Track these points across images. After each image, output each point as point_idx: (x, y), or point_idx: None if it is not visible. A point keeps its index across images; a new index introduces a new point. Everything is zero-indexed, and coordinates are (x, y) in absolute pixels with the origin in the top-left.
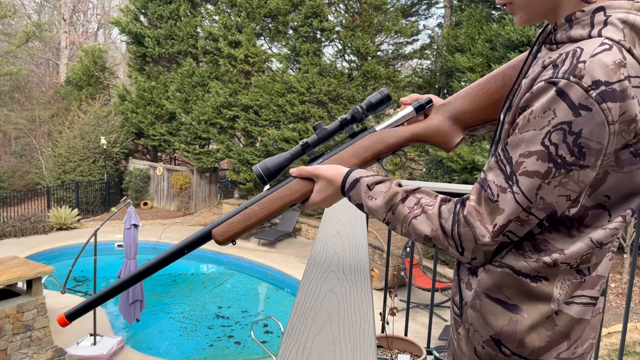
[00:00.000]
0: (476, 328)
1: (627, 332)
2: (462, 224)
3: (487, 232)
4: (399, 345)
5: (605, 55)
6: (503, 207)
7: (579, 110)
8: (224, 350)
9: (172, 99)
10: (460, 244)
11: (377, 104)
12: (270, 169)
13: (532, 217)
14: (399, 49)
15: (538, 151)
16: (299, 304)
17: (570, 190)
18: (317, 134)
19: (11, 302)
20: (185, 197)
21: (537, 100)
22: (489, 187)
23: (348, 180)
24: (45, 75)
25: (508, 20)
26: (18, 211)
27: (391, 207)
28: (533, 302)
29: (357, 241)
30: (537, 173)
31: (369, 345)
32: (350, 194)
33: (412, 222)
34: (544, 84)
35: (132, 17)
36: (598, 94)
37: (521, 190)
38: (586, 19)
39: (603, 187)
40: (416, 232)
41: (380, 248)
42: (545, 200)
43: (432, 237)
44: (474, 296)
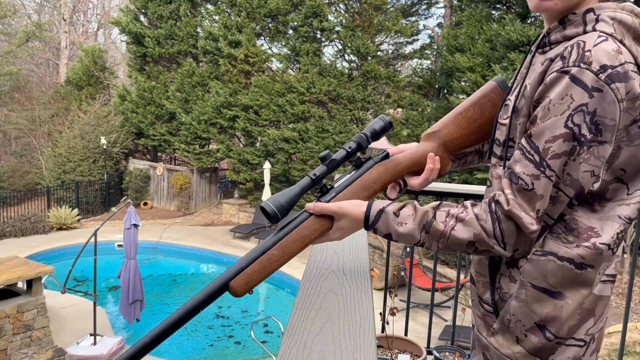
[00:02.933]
0: (518, 318)
1: (627, 332)
2: (502, 219)
3: (533, 219)
4: (399, 345)
5: (605, 44)
6: (540, 192)
7: (592, 92)
8: (224, 350)
9: (172, 99)
10: (502, 240)
11: (380, 131)
12: (284, 205)
13: (562, 193)
14: (399, 49)
15: (563, 134)
16: (299, 304)
17: (593, 165)
18: (327, 165)
19: (11, 302)
20: (185, 197)
21: (553, 89)
22: (520, 179)
23: (372, 213)
24: (45, 75)
25: (508, 20)
26: (18, 211)
27: (424, 227)
28: (576, 288)
29: (357, 241)
30: (564, 153)
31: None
32: (377, 226)
33: (451, 234)
34: (557, 74)
35: (132, 17)
36: (606, 76)
37: (554, 171)
38: (578, 19)
39: (618, 161)
40: (457, 242)
41: (380, 248)
42: (572, 176)
43: (475, 241)
44: (519, 286)
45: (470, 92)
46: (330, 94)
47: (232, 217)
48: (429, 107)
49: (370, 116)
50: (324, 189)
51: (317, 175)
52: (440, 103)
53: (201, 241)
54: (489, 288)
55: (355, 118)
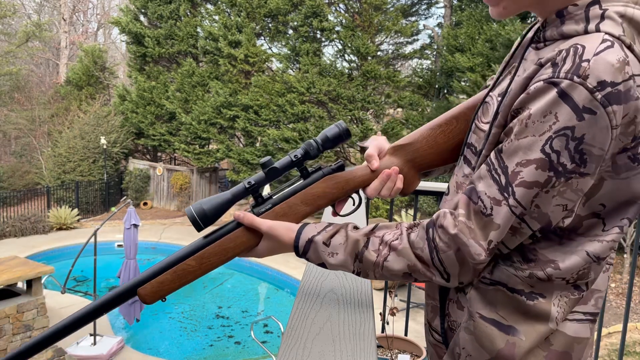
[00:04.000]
0: (469, 352)
1: (627, 332)
2: (441, 249)
3: (483, 249)
4: (399, 345)
5: (609, 53)
6: (498, 222)
7: (583, 114)
8: (224, 350)
9: (172, 99)
10: (444, 270)
11: (333, 139)
12: (207, 213)
13: (525, 226)
14: (399, 49)
15: (538, 159)
16: (299, 304)
17: (567, 199)
18: (265, 173)
19: (11, 302)
20: (185, 197)
21: (536, 102)
22: (480, 199)
23: (300, 243)
24: (45, 75)
25: (508, 20)
26: (18, 211)
27: (357, 256)
28: (530, 322)
29: None
30: (536, 183)
31: (369, 345)
32: (308, 256)
33: (384, 266)
34: (543, 84)
35: (132, 17)
36: (604, 96)
37: (518, 202)
38: (580, 13)
39: (598, 195)
40: (392, 274)
41: None
42: (541, 210)
43: (411, 272)
44: (467, 317)
45: (470, 92)
46: (330, 94)
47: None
48: (429, 107)
49: (370, 116)
50: (260, 199)
51: (252, 183)
52: (440, 103)
53: None
54: (439, 314)
55: (355, 118)
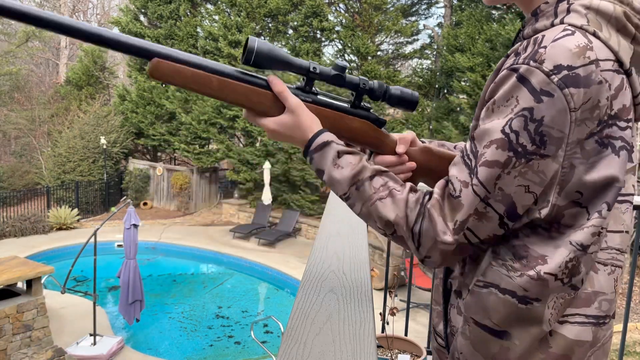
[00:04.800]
0: (466, 357)
1: (627, 332)
2: (426, 217)
3: (448, 229)
4: (399, 345)
5: (567, 39)
6: (464, 203)
7: (541, 96)
8: (224, 350)
9: (172, 98)
10: (418, 239)
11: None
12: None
13: (491, 209)
14: (399, 49)
15: (498, 139)
16: (299, 304)
17: (529, 180)
18: (333, 75)
19: (11, 302)
20: (185, 197)
21: (500, 89)
22: (452, 183)
23: (318, 139)
24: (45, 75)
25: (508, 20)
26: (18, 211)
27: (356, 182)
28: (523, 325)
29: (357, 241)
30: (496, 163)
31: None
32: (314, 155)
33: (376, 204)
34: (506, 72)
35: (132, 17)
36: (560, 79)
37: (480, 181)
38: (550, 10)
39: (572, 183)
40: (378, 215)
41: (380, 248)
42: (504, 191)
43: (395, 224)
44: (463, 322)
45: (470, 92)
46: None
47: (232, 217)
48: (429, 107)
49: None
50: (308, 87)
51: (316, 70)
52: (440, 103)
53: (201, 241)
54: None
55: None
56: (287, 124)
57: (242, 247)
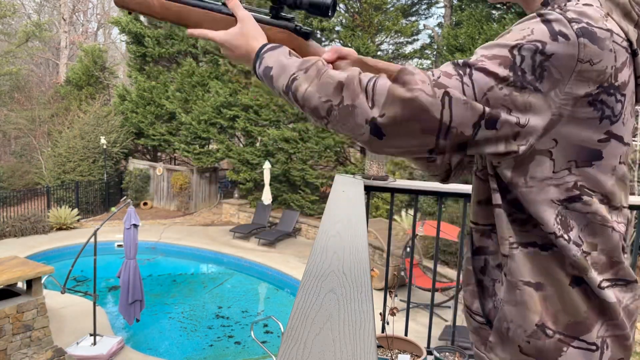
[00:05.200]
0: (518, 324)
1: None
2: (382, 76)
3: (428, 78)
4: (399, 345)
5: (589, 7)
6: (443, 81)
7: (557, 36)
8: (224, 350)
9: (172, 98)
10: (372, 96)
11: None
12: None
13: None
14: (399, 49)
15: (503, 56)
16: (299, 304)
17: (515, 106)
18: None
19: (11, 302)
20: (185, 197)
21: (519, 24)
22: (431, 72)
23: (272, 44)
24: (45, 75)
25: (508, 20)
26: (18, 211)
27: (308, 67)
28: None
29: (357, 241)
30: (494, 74)
31: (369, 345)
32: (266, 54)
33: (327, 72)
34: (531, 14)
35: (132, 17)
36: (579, 28)
37: (472, 83)
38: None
39: (555, 130)
40: (328, 80)
41: (380, 248)
42: (489, 103)
43: (345, 84)
44: (509, 289)
45: None
46: None
47: (232, 217)
48: None
49: None
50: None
51: None
52: None
53: (201, 241)
54: (477, 297)
55: None
56: (236, 33)
57: (242, 247)
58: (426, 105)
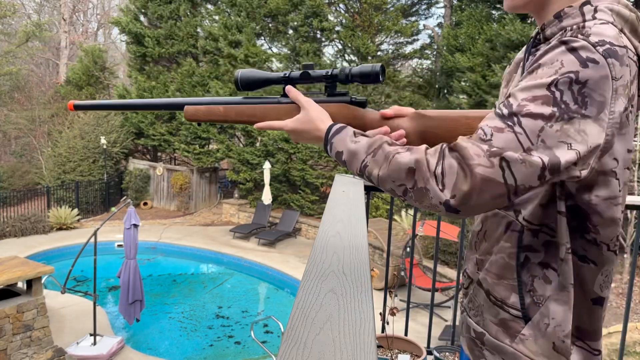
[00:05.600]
0: (558, 322)
1: (627, 332)
2: (447, 156)
3: (482, 151)
4: (399, 345)
5: (606, 26)
6: (499, 144)
7: (587, 63)
8: (224, 350)
9: None
10: (442, 179)
11: (362, 75)
12: (250, 80)
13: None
14: (399, 49)
15: (543, 96)
16: (299, 304)
17: (571, 138)
18: (300, 74)
19: (11, 302)
20: (185, 197)
21: (546, 55)
22: (481, 129)
23: (336, 126)
24: (45, 75)
25: (508, 20)
26: (18, 211)
27: (374, 150)
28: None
29: (357, 241)
30: (540, 115)
31: (369, 345)
32: (334, 139)
33: (395, 157)
34: (554, 43)
35: (132, 17)
36: (604, 50)
37: (524, 130)
38: (575, 11)
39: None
40: (398, 167)
41: (380, 248)
42: (546, 144)
43: (416, 168)
44: (559, 289)
45: (470, 92)
46: None
47: (232, 217)
48: (429, 107)
49: None
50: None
51: (288, 75)
52: (440, 103)
53: (201, 241)
54: (517, 291)
55: None
56: (303, 119)
57: (242, 247)
58: (488, 177)
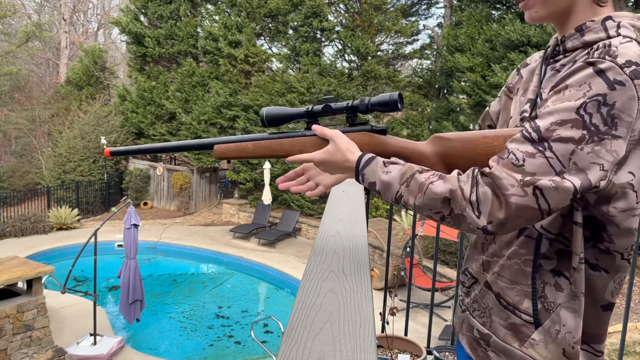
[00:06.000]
0: (569, 329)
1: (627, 332)
2: (480, 183)
3: (516, 181)
4: (399, 345)
5: (631, 45)
6: (532, 171)
7: (614, 85)
8: (224, 350)
9: (172, 98)
10: (477, 207)
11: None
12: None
13: (567, 182)
14: (399, 49)
15: (572, 119)
16: (299, 304)
17: (603, 159)
18: (323, 108)
19: (11, 302)
20: (185, 197)
21: (573, 77)
22: (512, 154)
23: (365, 156)
24: (45, 75)
25: (508, 20)
26: (18, 211)
27: (407, 179)
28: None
29: (357, 241)
30: (571, 139)
31: (369, 345)
32: (365, 170)
33: (429, 187)
34: (581, 64)
35: (132, 17)
36: (631, 72)
37: (555, 154)
38: (597, 26)
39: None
40: (433, 197)
41: (380, 248)
42: (578, 166)
43: (450, 198)
44: (571, 297)
45: (470, 92)
46: (330, 94)
47: (232, 217)
48: (428, 107)
49: (370, 116)
50: (310, 124)
51: (310, 110)
52: (440, 103)
53: (201, 241)
54: (531, 297)
55: None
56: (331, 150)
57: (242, 247)
58: (523, 205)
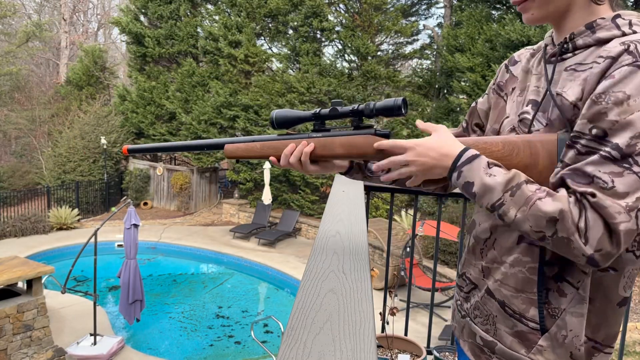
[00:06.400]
0: (576, 333)
1: (627, 332)
2: (588, 209)
3: (622, 208)
4: (399, 345)
5: None
6: (625, 190)
7: None
8: (224, 350)
9: (172, 98)
10: (585, 232)
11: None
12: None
13: None
14: (399, 49)
15: None
16: (299, 304)
17: None
18: (330, 111)
19: (11, 302)
20: (185, 197)
21: (628, 84)
22: (597, 178)
23: (467, 154)
24: (45, 75)
25: (508, 20)
26: (18, 211)
27: (511, 188)
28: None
29: (357, 241)
30: None
31: (369, 345)
32: (464, 168)
33: (536, 203)
34: (629, 68)
35: (132, 17)
36: None
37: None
38: (609, 23)
39: None
40: (539, 215)
41: (380, 248)
42: None
43: (558, 219)
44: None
45: (470, 92)
46: (330, 94)
47: (232, 217)
48: (429, 107)
49: None
50: (317, 127)
51: (318, 112)
52: (440, 103)
53: (201, 241)
54: (537, 305)
55: None
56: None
57: (242, 247)
58: (630, 230)
